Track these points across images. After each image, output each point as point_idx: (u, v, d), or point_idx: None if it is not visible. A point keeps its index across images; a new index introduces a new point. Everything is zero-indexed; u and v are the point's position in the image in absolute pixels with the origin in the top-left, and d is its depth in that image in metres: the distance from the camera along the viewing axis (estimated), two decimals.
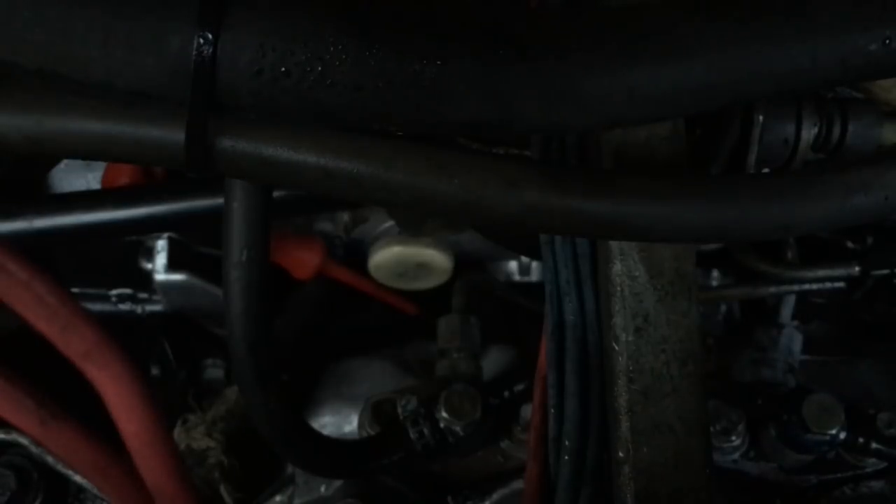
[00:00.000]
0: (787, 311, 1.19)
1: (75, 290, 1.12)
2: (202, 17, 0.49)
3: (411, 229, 1.12)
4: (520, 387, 1.02)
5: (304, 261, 1.15)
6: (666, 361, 0.69)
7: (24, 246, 0.81)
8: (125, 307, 1.16)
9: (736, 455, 0.96)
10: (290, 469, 1.04)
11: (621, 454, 0.69)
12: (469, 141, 0.74)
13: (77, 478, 0.92)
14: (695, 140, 0.76)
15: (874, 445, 0.93)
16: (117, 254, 1.12)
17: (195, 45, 0.49)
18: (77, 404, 0.78)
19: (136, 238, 1.10)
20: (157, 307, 1.16)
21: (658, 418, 0.69)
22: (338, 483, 0.99)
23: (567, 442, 0.75)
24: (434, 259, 1.12)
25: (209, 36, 0.49)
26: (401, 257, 1.12)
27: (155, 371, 1.19)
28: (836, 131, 0.78)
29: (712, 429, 0.92)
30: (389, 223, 1.15)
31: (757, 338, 1.20)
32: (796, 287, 1.11)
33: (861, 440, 0.93)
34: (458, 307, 1.09)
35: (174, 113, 0.54)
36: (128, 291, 1.15)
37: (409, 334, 1.21)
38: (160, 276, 1.10)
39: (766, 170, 0.80)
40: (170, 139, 0.55)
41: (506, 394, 1.01)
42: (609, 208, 0.57)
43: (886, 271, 1.08)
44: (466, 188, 0.57)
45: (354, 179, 0.56)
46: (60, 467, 0.92)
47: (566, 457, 0.75)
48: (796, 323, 1.20)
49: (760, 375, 1.18)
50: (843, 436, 0.92)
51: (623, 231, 0.60)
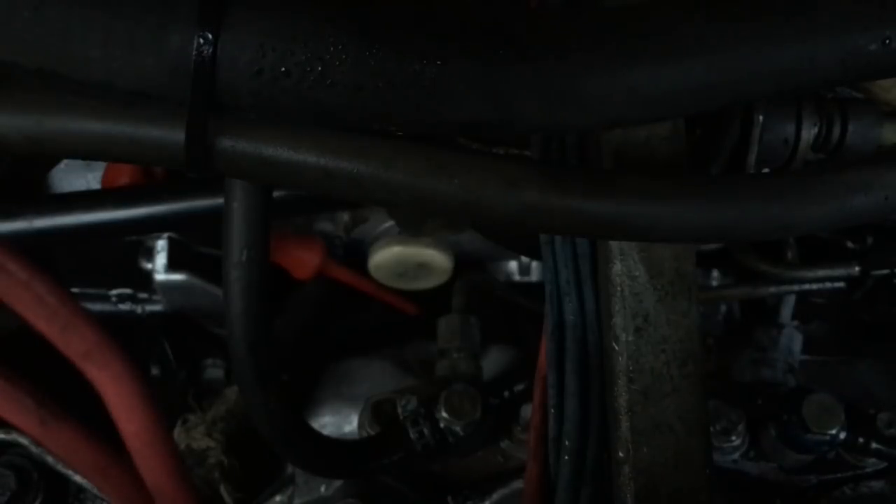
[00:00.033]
0: (787, 311, 1.19)
1: (75, 290, 1.12)
2: (202, 17, 0.49)
3: (411, 229, 1.12)
4: (520, 387, 1.02)
5: (304, 261, 1.15)
6: (666, 361, 0.69)
7: (24, 246, 0.81)
8: (125, 307, 1.16)
9: (736, 455, 0.96)
10: (290, 469, 1.03)
11: (621, 454, 0.69)
12: (469, 141, 0.74)
13: (77, 478, 0.92)
14: (695, 140, 0.76)
15: (874, 445, 0.93)
16: (117, 254, 1.11)
17: (195, 45, 0.49)
18: (77, 404, 0.78)
19: (136, 238, 1.10)
20: (157, 307, 1.16)
21: (658, 418, 0.69)
22: (338, 483, 0.99)
23: (567, 442, 0.75)
24: (434, 259, 1.12)
25: (209, 36, 0.49)
26: (401, 257, 1.12)
27: (155, 371, 1.19)
28: (836, 131, 0.78)
29: (712, 429, 0.92)
30: (389, 223, 1.15)
31: (757, 338, 1.20)
32: (796, 287, 1.11)
33: (861, 440, 0.93)
34: (458, 307, 1.09)
35: (174, 113, 0.54)
36: (128, 291, 1.15)
37: (409, 334, 1.21)
38: (160, 276, 1.10)
39: (766, 170, 0.80)
40: (170, 139, 0.55)
41: (506, 394, 1.01)
42: (609, 208, 0.57)
43: (886, 271, 1.08)
44: (466, 188, 0.57)
45: (354, 179, 0.56)
46: (60, 467, 0.92)
47: (566, 457, 0.75)
48: (796, 323, 1.20)
49: (760, 375, 1.18)
50: (843, 436, 0.92)
51: (623, 231, 0.60)
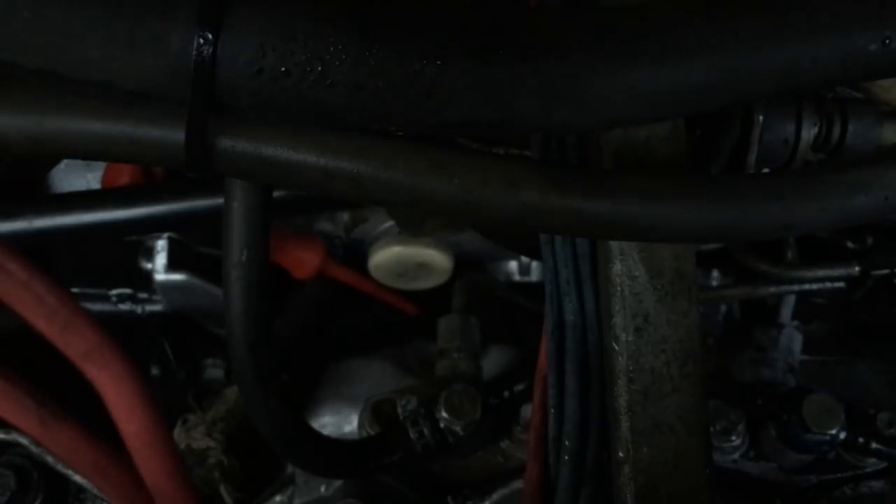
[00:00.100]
0: (787, 311, 1.19)
1: (75, 290, 1.12)
2: (202, 17, 0.49)
3: (411, 229, 1.12)
4: (520, 387, 1.02)
5: (304, 261, 1.15)
6: (666, 361, 0.69)
7: (24, 246, 0.81)
8: (125, 307, 1.16)
9: (736, 455, 0.95)
10: (290, 469, 1.03)
11: (621, 454, 0.69)
12: (469, 141, 0.74)
13: (77, 478, 0.92)
14: (695, 140, 0.76)
15: (874, 445, 0.93)
16: (117, 254, 1.11)
17: (195, 45, 0.49)
18: (77, 404, 0.78)
19: (136, 238, 1.10)
20: (157, 307, 1.16)
21: (658, 418, 0.69)
22: (338, 483, 0.99)
23: (567, 442, 0.75)
24: (434, 259, 1.12)
25: (209, 36, 0.49)
26: (401, 257, 1.12)
27: (155, 371, 1.19)
28: (836, 131, 0.78)
29: (712, 429, 0.92)
30: (389, 223, 1.15)
31: (757, 338, 1.20)
32: (796, 287, 1.11)
33: (861, 440, 0.93)
34: (458, 307, 1.09)
35: (174, 113, 0.54)
36: (128, 291, 1.15)
37: (409, 334, 1.21)
38: (160, 276, 1.10)
39: (766, 170, 0.80)
40: (170, 139, 0.55)
41: (506, 394, 1.01)
42: (609, 208, 0.57)
43: (886, 271, 1.08)
44: (466, 188, 0.57)
45: (354, 179, 0.56)
46: (60, 467, 0.92)
47: (566, 457, 0.75)
48: (796, 323, 1.20)
49: (760, 375, 1.18)
50: (843, 436, 0.92)
51: (623, 231, 0.60)
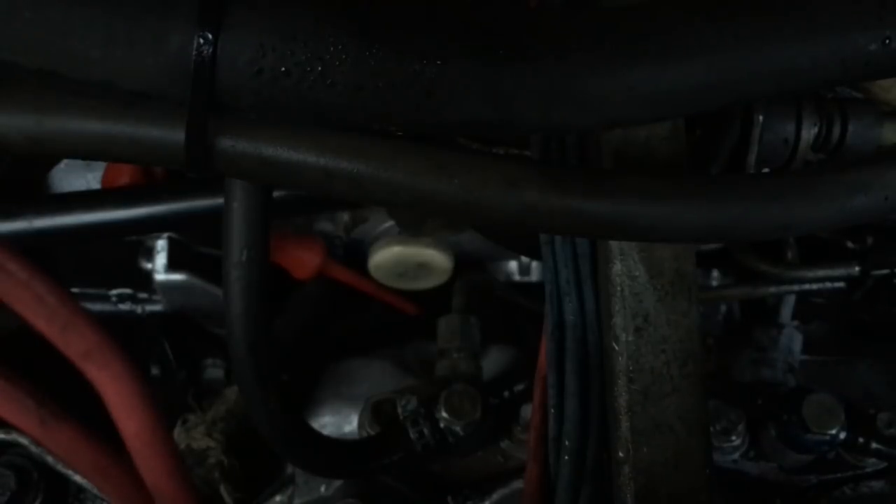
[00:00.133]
0: (787, 311, 1.19)
1: (75, 290, 1.12)
2: (202, 17, 0.49)
3: (411, 229, 1.12)
4: (520, 387, 1.02)
5: (304, 261, 1.15)
6: (666, 361, 0.69)
7: (24, 246, 0.81)
8: (125, 307, 1.16)
9: (736, 455, 0.95)
10: (290, 469, 1.03)
11: (621, 454, 0.69)
12: (469, 141, 0.74)
13: (77, 478, 0.92)
14: (695, 140, 0.76)
15: (874, 445, 0.93)
16: (117, 254, 1.11)
17: (195, 45, 0.49)
18: (77, 404, 0.78)
19: (136, 238, 1.10)
20: (157, 307, 1.16)
21: (658, 418, 0.69)
22: (338, 483, 0.99)
23: (567, 442, 0.75)
24: (434, 259, 1.12)
25: (209, 36, 0.49)
26: (401, 257, 1.12)
27: (155, 371, 1.19)
28: (836, 131, 0.78)
29: (712, 429, 0.92)
30: (389, 223, 1.15)
31: (757, 338, 1.20)
32: (796, 287, 1.11)
33: (861, 440, 0.93)
34: (458, 307, 1.09)
35: (174, 113, 0.54)
36: (128, 291, 1.15)
37: (409, 334, 1.21)
38: (160, 276, 1.10)
39: (766, 170, 0.80)
40: (170, 139, 0.55)
41: (506, 394, 1.01)
42: (609, 208, 0.57)
43: (886, 271, 1.08)
44: (466, 188, 0.57)
45: (354, 179, 0.56)
46: (60, 467, 0.92)
47: (566, 457, 0.75)
48: (796, 323, 1.20)
49: (760, 375, 1.18)
50: (843, 436, 0.92)
51: (623, 231, 0.60)
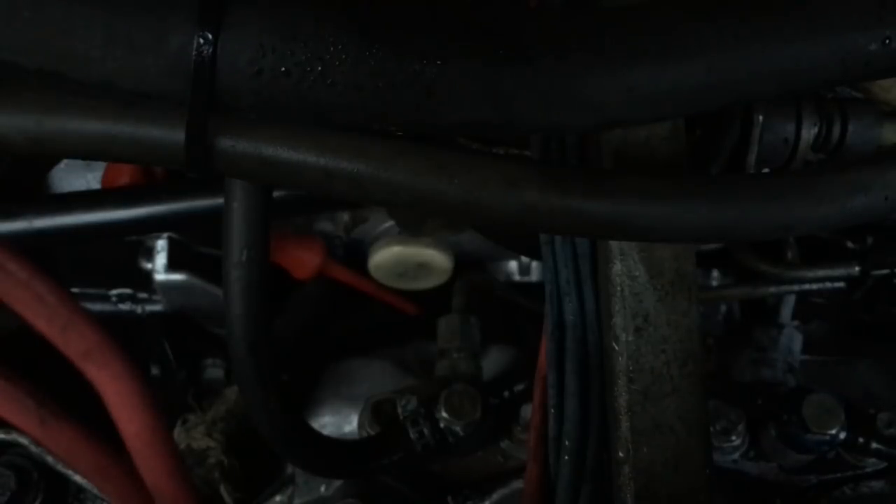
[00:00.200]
0: (787, 311, 1.19)
1: (75, 290, 1.12)
2: (202, 17, 0.49)
3: (411, 229, 1.12)
4: (520, 387, 1.02)
5: (304, 261, 1.15)
6: (666, 361, 0.69)
7: (24, 246, 0.81)
8: (125, 307, 1.16)
9: (736, 455, 0.95)
10: (290, 469, 1.03)
11: (621, 454, 0.69)
12: (469, 141, 0.74)
13: (77, 478, 0.92)
14: (695, 140, 0.76)
15: (874, 445, 0.93)
16: (117, 254, 1.11)
17: (195, 45, 0.49)
18: (77, 404, 0.78)
19: (136, 238, 1.10)
20: (157, 307, 1.16)
21: (658, 418, 0.69)
22: (338, 483, 0.99)
23: (567, 442, 0.75)
24: (434, 259, 1.12)
25: (209, 36, 0.49)
26: (401, 257, 1.12)
27: (155, 371, 1.19)
28: (836, 131, 0.78)
29: (712, 429, 0.92)
30: (389, 223, 1.15)
31: (757, 338, 1.20)
32: (796, 287, 1.11)
33: (861, 440, 0.93)
34: (458, 307, 1.09)
35: (174, 113, 0.54)
36: (128, 291, 1.15)
37: (409, 334, 1.21)
38: (160, 276, 1.10)
39: (766, 170, 0.80)
40: (170, 139, 0.55)
41: (506, 394, 1.01)
42: (609, 208, 0.57)
43: (886, 271, 1.08)
44: (466, 188, 0.57)
45: (354, 179, 0.56)
46: (60, 467, 0.92)
47: (566, 457, 0.75)
48: (796, 323, 1.20)
49: (760, 375, 1.18)
50: (843, 436, 0.91)
51: (623, 231, 0.60)
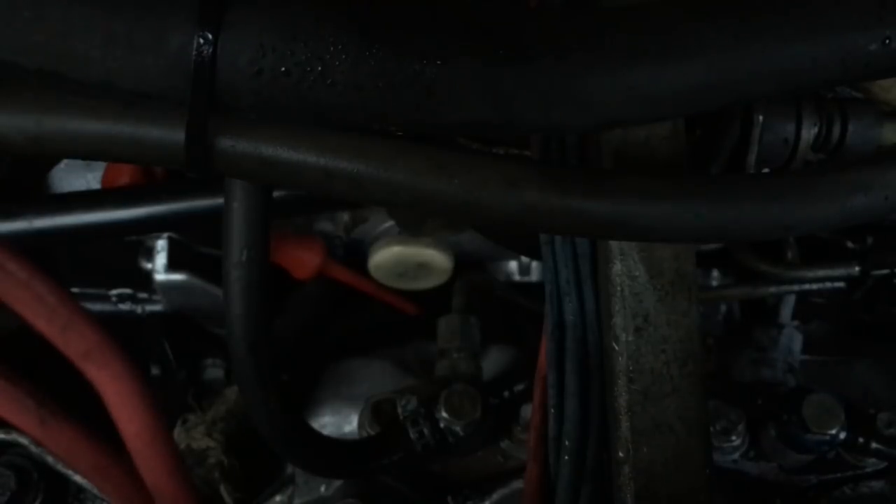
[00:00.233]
0: (787, 311, 1.19)
1: (75, 290, 1.12)
2: (202, 17, 0.49)
3: (411, 229, 1.12)
4: (520, 387, 1.02)
5: (304, 261, 1.15)
6: (666, 361, 0.69)
7: (24, 246, 0.81)
8: (125, 307, 1.16)
9: (736, 455, 0.95)
10: (290, 469, 1.03)
11: (621, 454, 0.69)
12: (469, 141, 0.74)
13: (77, 478, 0.92)
14: (695, 140, 0.76)
15: (874, 445, 0.93)
16: (117, 254, 1.11)
17: (195, 45, 0.49)
18: (77, 404, 0.78)
19: (136, 238, 1.10)
20: (157, 307, 1.16)
21: (658, 418, 0.69)
22: (338, 483, 0.99)
23: (567, 442, 0.75)
24: (434, 259, 1.12)
25: (209, 36, 0.49)
26: (401, 257, 1.12)
27: (155, 371, 1.19)
28: (836, 131, 0.78)
29: (712, 429, 0.92)
30: (389, 223, 1.15)
31: (757, 338, 1.20)
32: (796, 287, 1.12)
33: (861, 440, 0.93)
34: (458, 307, 1.09)
35: (174, 113, 0.54)
36: (128, 291, 1.15)
37: (409, 334, 1.21)
38: (160, 276, 1.10)
39: (766, 170, 0.80)
40: (170, 139, 0.55)
41: (506, 394, 1.01)
42: (609, 208, 0.57)
43: (886, 271, 1.08)
44: (466, 188, 0.57)
45: (354, 179, 0.56)
46: (60, 467, 0.92)
47: (566, 457, 0.75)
48: (796, 323, 1.20)
49: (760, 375, 1.18)
50: (843, 436, 0.91)
51: (623, 231, 0.60)
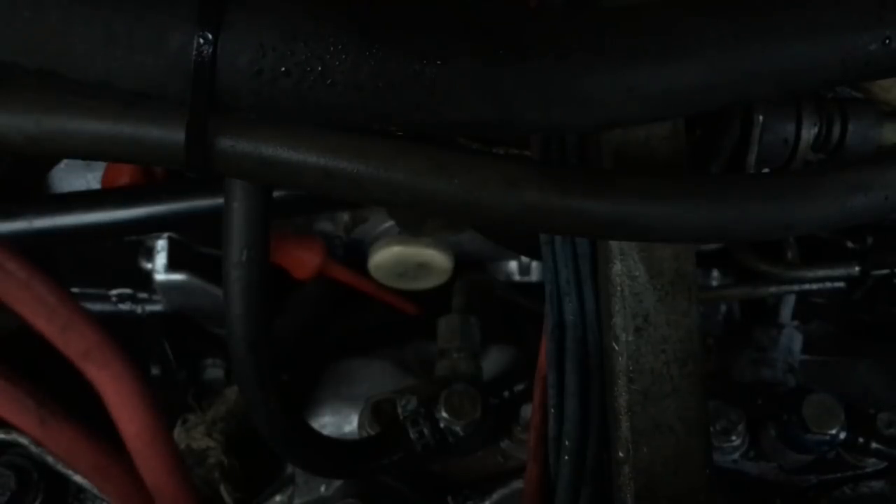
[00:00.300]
0: (787, 311, 1.19)
1: (75, 290, 1.12)
2: (202, 17, 0.49)
3: (411, 229, 1.12)
4: (520, 387, 1.02)
5: (304, 261, 1.15)
6: (666, 361, 0.69)
7: (24, 246, 0.81)
8: (125, 307, 1.16)
9: (736, 455, 0.96)
10: (290, 469, 1.04)
11: (621, 454, 0.69)
12: (469, 141, 0.74)
13: (77, 478, 0.92)
14: (695, 140, 0.76)
15: (874, 445, 0.93)
16: (117, 254, 1.11)
17: (195, 45, 0.49)
18: (77, 404, 0.78)
19: (136, 238, 1.10)
20: (157, 307, 1.16)
21: (658, 418, 0.69)
22: (338, 483, 0.99)
23: (567, 442, 0.75)
24: (434, 259, 1.12)
25: (209, 36, 0.49)
26: (401, 257, 1.12)
27: (155, 371, 1.19)
28: (836, 131, 0.78)
29: (712, 429, 0.92)
30: (389, 223, 1.15)
31: (757, 338, 1.20)
32: (796, 287, 1.11)
33: (861, 440, 0.93)
34: (458, 307, 1.09)
35: (174, 113, 0.54)
36: (128, 291, 1.15)
37: (409, 334, 1.21)
38: (160, 276, 1.10)
39: (766, 170, 0.80)
40: (170, 139, 0.55)
41: (506, 394, 1.01)
42: (609, 208, 0.57)
43: (886, 271, 1.08)
44: (466, 188, 0.57)
45: (354, 179, 0.56)
46: (60, 467, 0.92)
47: (566, 457, 0.75)
48: (796, 323, 1.20)
49: (760, 375, 1.18)
50: (843, 436, 0.92)
51: (623, 231, 0.60)
